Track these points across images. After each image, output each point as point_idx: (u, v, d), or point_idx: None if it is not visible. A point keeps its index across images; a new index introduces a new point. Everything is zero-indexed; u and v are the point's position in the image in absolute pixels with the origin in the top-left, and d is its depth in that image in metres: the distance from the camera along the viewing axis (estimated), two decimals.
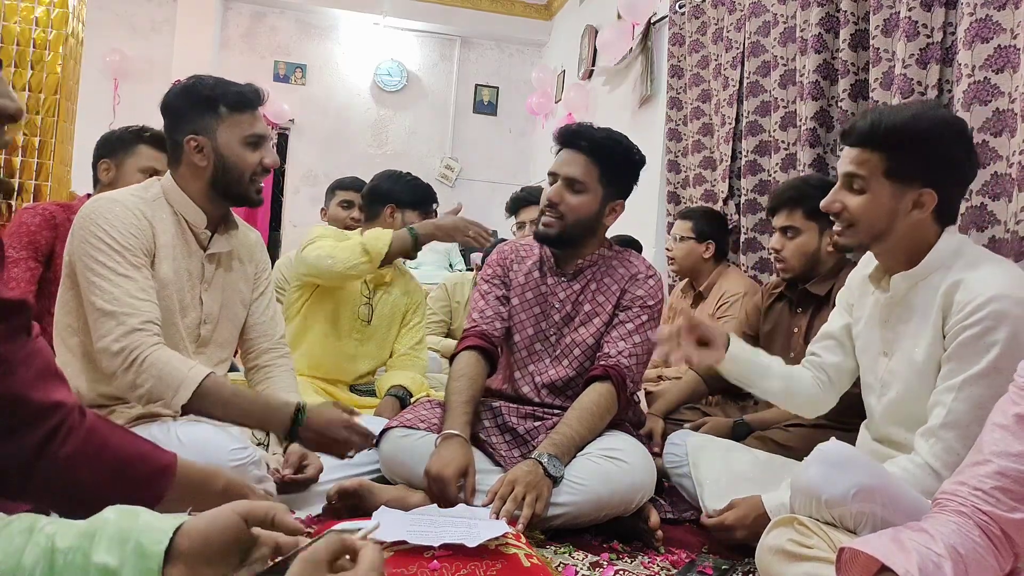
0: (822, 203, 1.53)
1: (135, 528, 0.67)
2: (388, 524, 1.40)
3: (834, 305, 1.82)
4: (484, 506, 1.57)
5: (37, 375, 0.87)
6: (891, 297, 1.50)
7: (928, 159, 1.40)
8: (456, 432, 1.69)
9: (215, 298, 1.73)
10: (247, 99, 1.66)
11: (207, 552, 0.68)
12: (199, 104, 1.63)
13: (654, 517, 1.72)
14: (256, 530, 0.71)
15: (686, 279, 3.03)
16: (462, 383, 1.81)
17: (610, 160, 1.88)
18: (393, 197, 2.49)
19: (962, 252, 1.43)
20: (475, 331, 1.93)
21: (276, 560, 0.70)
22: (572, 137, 1.90)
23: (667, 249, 2.99)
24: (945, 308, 1.39)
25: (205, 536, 0.68)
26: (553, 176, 1.91)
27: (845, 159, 1.48)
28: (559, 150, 1.93)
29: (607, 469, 1.69)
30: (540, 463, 1.62)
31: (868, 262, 1.61)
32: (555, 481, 1.63)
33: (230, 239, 1.75)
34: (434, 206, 2.60)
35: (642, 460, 1.76)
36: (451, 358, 1.93)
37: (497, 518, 1.47)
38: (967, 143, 1.45)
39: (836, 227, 1.52)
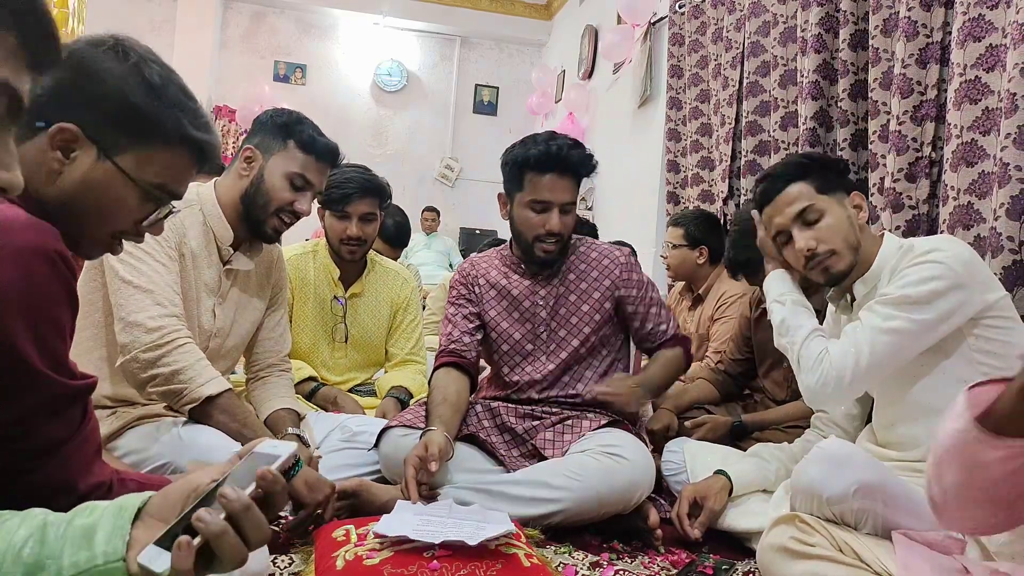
0: (799, 248, 1.55)
1: (120, 498, 0.70)
2: (397, 519, 1.40)
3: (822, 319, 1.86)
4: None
5: (87, 461, 0.85)
6: (858, 303, 1.56)
7: (834, 171, 1.58)
8: (434, 428, 1.70)
9: (228, 313, 1.73)
10: (316, 147, 1.68)
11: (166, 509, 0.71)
12: (277, 127, 1.67)
13: (653, 516, 1.72)
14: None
15: (684, 284, 3.03)
16: (437, 393, 1.83)
17: (588, 175, 1.94)
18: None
19: (903, 244, 1.51)
20: (447, 351, 1.95)
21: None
22: (567, 165, 1.85)
23: (662, 256, 2.98)
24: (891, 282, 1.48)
25: (165, 494, 0.72)
26: (546, 203, 1.85)
27: (783, 207, 1.54)
28: (544, 174, 1.84)
29: (607, 465, 1.69)
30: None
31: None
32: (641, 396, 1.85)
33: (252, 259, 1.75)
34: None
35: (642, 458, 1.76)
36: (430, 379, 1.95)
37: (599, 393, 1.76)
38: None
39: (820, 265, 1.54)
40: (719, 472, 1.76)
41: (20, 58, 0.63)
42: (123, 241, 1.52)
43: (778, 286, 1.62)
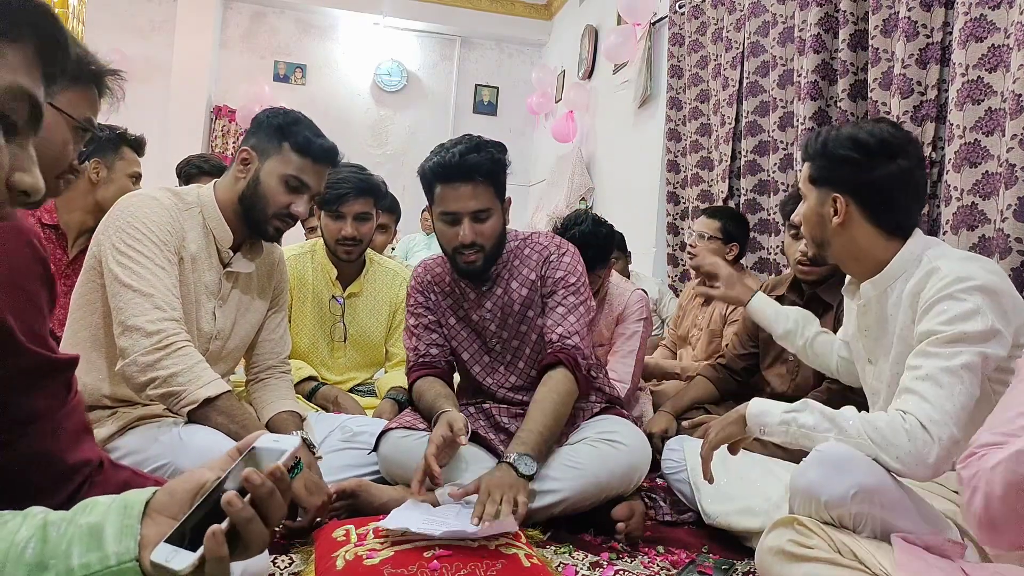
0: (791, 217, 1.60)
1: (123, 494, 0.70)
2: (402, 514, 1.41)
3: (837, 314, 1.83)
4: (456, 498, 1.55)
5: (74, 435, 0.87)
6: (864, 305, 1.52)
7: (832, 164, 1.46)
8: (448, 409, 1.70)
9: (228, 316, 1.73)
10: (312, 149, 1.65)
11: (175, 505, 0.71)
12: (273, 128, 1.66)
13: (619, 510, 1.71)
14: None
15: (700, 278, 3.02)
16: (429, 393, 1.82)
17: (498, 174, 1.80)
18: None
19: (925, 254, 1.43)
20: (417, 364, 1.90)
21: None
22: (464, 172, 1.73)
23: (690, 246, 2.96)
24: (913, 304, 1.39)
25: (171, 490, 0.72)
26: (453, 215, 1.76)
27: None
28: (441, 186, 1.77)
29: (605, 452, 1.71)
30: (511, 465, 1.56)
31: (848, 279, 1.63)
32: (529, 479, 1.57)
33: (252, 260, 1.75)
34: None
35: (638, 442, 1.79)
36: (408, 394, 1.93)
37: (479, 522, 1.40)
38: (876, 153, 1.42)
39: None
40: None
41: (37, 68, 0.64)
42: (135, 250, 1.52)
43: (769, 409, 1.39)
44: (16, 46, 0.62)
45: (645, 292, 2.64)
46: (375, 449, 1.84)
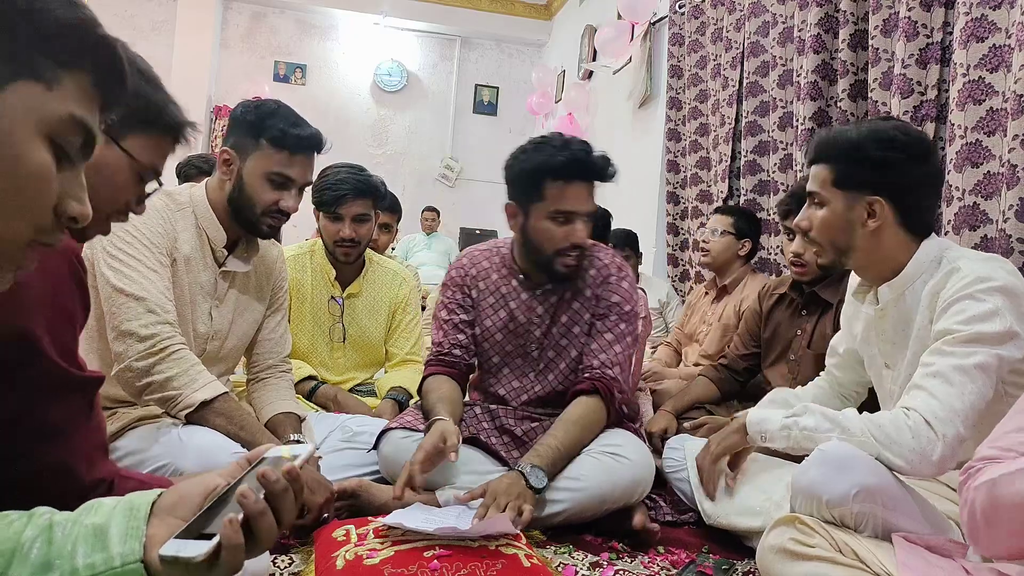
0: (795, 221, 1.56)
1: (128, 496, 0.71)
2: (404, 514, 1.42)
3: (838, 312, 1.82)
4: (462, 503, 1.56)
5: (92, 453, 0.87)
6: (881, 309, 1.49)
7: (868, 166, 1.40)
8: (444, 418, 1.68)
9: (225, 316, 1.72)
10: (289, 140, 1.61)
11: (182, 505, 0.71)
12: (248, 125, 1.62)
13: (637, 519, 1.71)
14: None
15: (711, 277, 3.03)
16: (433, 394, 1.81)
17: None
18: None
19: (944, 255, 1.41)
20: (437, 359, 1.89)
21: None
22: (591, 171, 1.72)
23: (703, 242, 2.96)
24: (932, 304, 1.37)
25: (181, 492, 0.72)
26: (569, 214, 1.73)
27: (809, 179, 1.52)
28: (559, 183, 1.71)
29: (608, 465, 1.70)
30: (523, 474, 1.57)
31: (855, 280, 1.60)
32: (537, 492, 1.57)
33: (248, 260, 1.73)
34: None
35: (642, 456, 1.77)
36: (419, 387, 1.92)
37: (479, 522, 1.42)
38: (913, 153, 1.40)
39: (812, 248, 1.54)
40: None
41: (94, 98, 0.65)
42: (126, 253, 1.53)
43: (768, 416, 1.41)
44: (74, 75, 0.62)
45: (644, 292, 2.64)
46: (375, 447, 1.84)
